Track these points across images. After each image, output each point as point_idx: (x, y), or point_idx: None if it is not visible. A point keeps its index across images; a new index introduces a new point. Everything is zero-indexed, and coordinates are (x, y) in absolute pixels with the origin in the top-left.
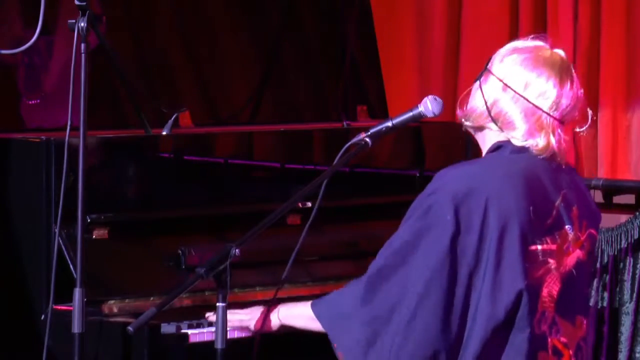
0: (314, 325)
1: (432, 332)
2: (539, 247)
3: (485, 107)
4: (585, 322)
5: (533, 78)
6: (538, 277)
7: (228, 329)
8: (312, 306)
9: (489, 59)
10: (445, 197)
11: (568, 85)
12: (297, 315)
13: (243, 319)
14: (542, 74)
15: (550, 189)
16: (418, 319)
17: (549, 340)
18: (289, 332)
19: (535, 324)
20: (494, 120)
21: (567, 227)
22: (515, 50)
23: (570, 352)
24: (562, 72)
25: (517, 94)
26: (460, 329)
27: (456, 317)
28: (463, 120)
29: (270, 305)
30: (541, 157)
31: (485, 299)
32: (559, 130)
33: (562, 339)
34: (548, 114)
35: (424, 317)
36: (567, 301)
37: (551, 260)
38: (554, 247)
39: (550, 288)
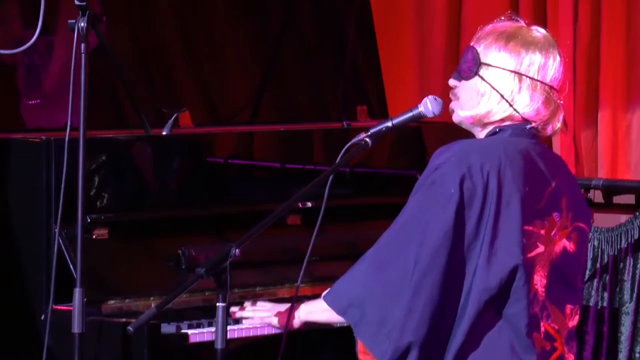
0: (333, 316)
1: (434, 305)
2: (530, 228)
3: (503, 100)
4: (577, 313)
5: (543, 61)
6: (531, 258)
7: (252, 325)
8: (324, 297)
9: (474, 52)
10: (450, 171)
11: (560, 57)
12: (317, 310)
13: (264, 317)
14: (548, 55)
15: (545, 175)
16: (421, 294)
17: (542, 323)
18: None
19: (530, 301)
20: (518, 111)
21: (555, 214)
22: (510, 37)
23: (562, 339)
24: (558, 47)
25: (534, 80)
26: (457, 301)
27: (454, 290)
28: (482, 120)
29: (293, 303)
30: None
31: (481, 271)
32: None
33: (554, 325)
34: (556, 89)
35: (427, 292)
36: (555, 289)
37: (540, 245)
38: (542, 231)
39: (541, 272)
